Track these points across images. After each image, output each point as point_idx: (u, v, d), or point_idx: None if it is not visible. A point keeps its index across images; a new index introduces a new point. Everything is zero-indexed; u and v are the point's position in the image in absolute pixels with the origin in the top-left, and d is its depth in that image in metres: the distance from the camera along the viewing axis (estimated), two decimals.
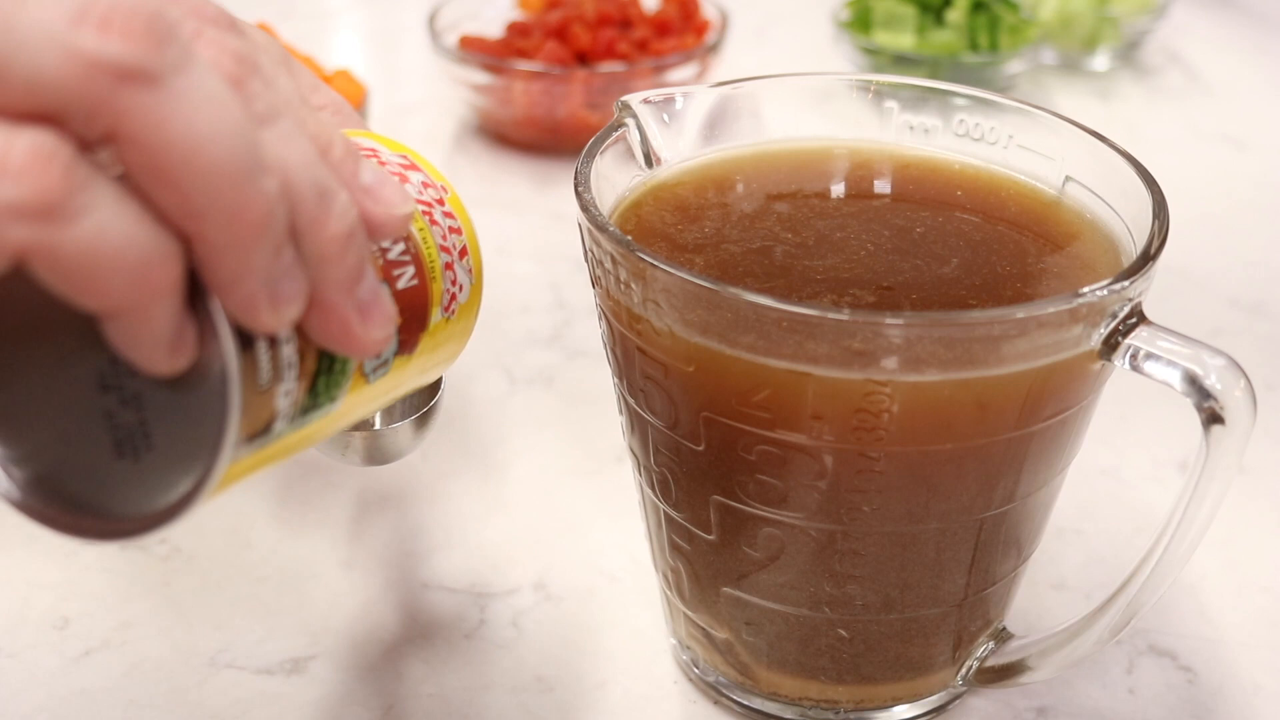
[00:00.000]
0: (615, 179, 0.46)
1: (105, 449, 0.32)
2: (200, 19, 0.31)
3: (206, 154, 0.27)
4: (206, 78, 0.28)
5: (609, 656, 0.50)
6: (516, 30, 0.90)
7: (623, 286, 0.40)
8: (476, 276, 0.42)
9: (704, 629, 0.47)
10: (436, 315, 0.40)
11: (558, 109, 0.86)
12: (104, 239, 0.27)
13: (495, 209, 0.83)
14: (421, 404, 0.44)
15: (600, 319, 0.44)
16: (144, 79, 0.27)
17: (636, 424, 0.44)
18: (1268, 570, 0.55)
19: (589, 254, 0.42)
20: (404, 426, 0.44)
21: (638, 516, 0.49)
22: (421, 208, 0.40)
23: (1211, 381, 0.38)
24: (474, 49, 0.88)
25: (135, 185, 0.28)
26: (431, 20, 0.91)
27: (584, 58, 0.88)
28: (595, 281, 0.43)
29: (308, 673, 0.49)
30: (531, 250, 0.78)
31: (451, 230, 0.41)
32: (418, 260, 0.39)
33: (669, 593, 0.48)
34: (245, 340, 0.31)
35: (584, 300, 0.72)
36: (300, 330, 0.33)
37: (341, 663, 0.50)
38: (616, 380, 0.45)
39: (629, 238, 0.40)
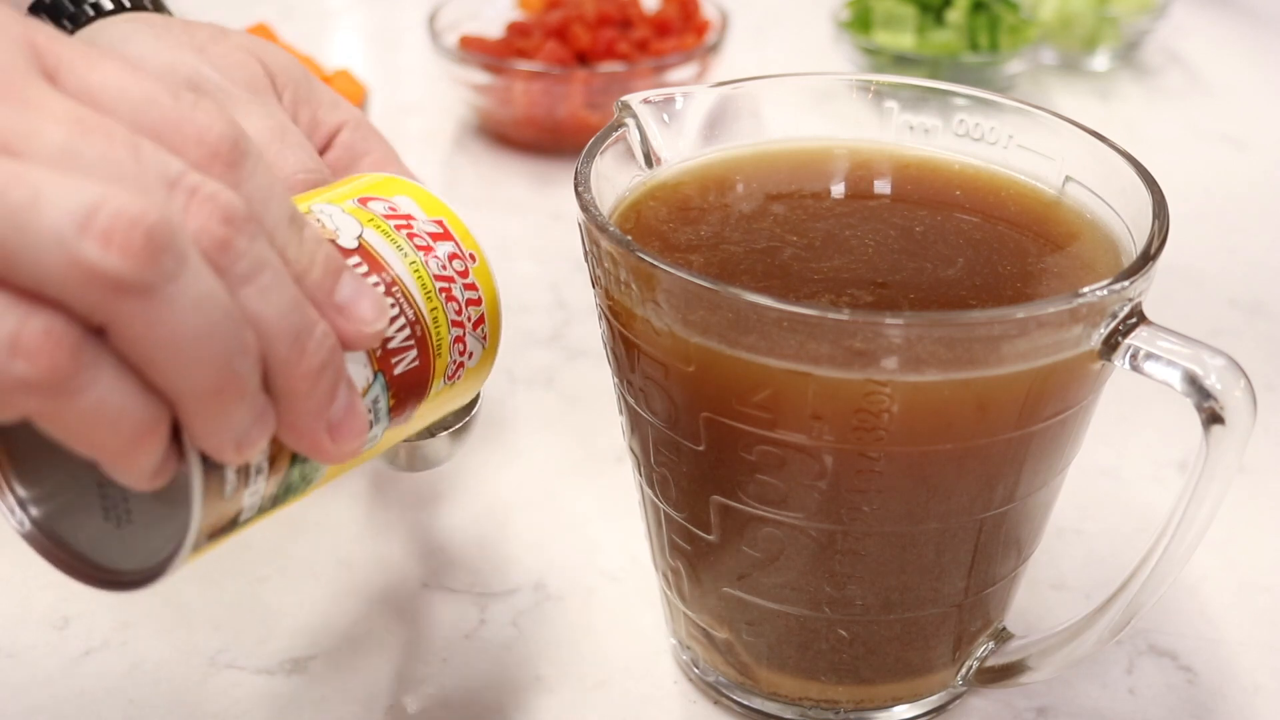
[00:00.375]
0: (615, 179, 0.46)
1: (96, 510, 0.35)
2: (200, 156, 0.33)
3: (189, 351, 0.31)
4: (195, 281, 0.31)
5: (609, 656, 0.50)
6: (516, 30, 0.90)
7: (623, 286, 0.40)
8: (492, 340, 0.43)
9: (704, 629, 0.47)
10: (438, 386, 0.42)
11: (558, 109, 0.86)
12: (102, 410, 0.30)
13: (495, 209, 0.83)
14: (459, 418, 0.46)
15: (600, 319, 0.44)
16: (137, 292, 0.30)
17: (636, 424, 0.44)
18: (1268, 570, 0.55)
19: (589, 254, 0.42)
20: (443, 438, 0.46)
21: (638, 516, 0.49)
22: (440, 284, 0.41)
23: (1211, 381, 0.38)
24: (474, 49, 0.88)
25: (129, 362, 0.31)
26: (431, 20, 0.91)
27: (584, 58, 0.88)
28: (595, 281, 0.43)
29: (308, 673, 0.49)
30: (531, 250, 0.78)
31: (470, 303, 0.42)
32: (422, 342, 0.40)
33: (669, 593, 0.48)
34: (213, 463, 0.34)
35: (584, 300, 0.72)
36: (275, 438, 0.35)
37: (341, 663, 0.50)
38: (616, 380, 0.45)
39: (629, 238, 0.40)
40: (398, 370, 0.39)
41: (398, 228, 0.40)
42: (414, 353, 0.40)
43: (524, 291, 0.74)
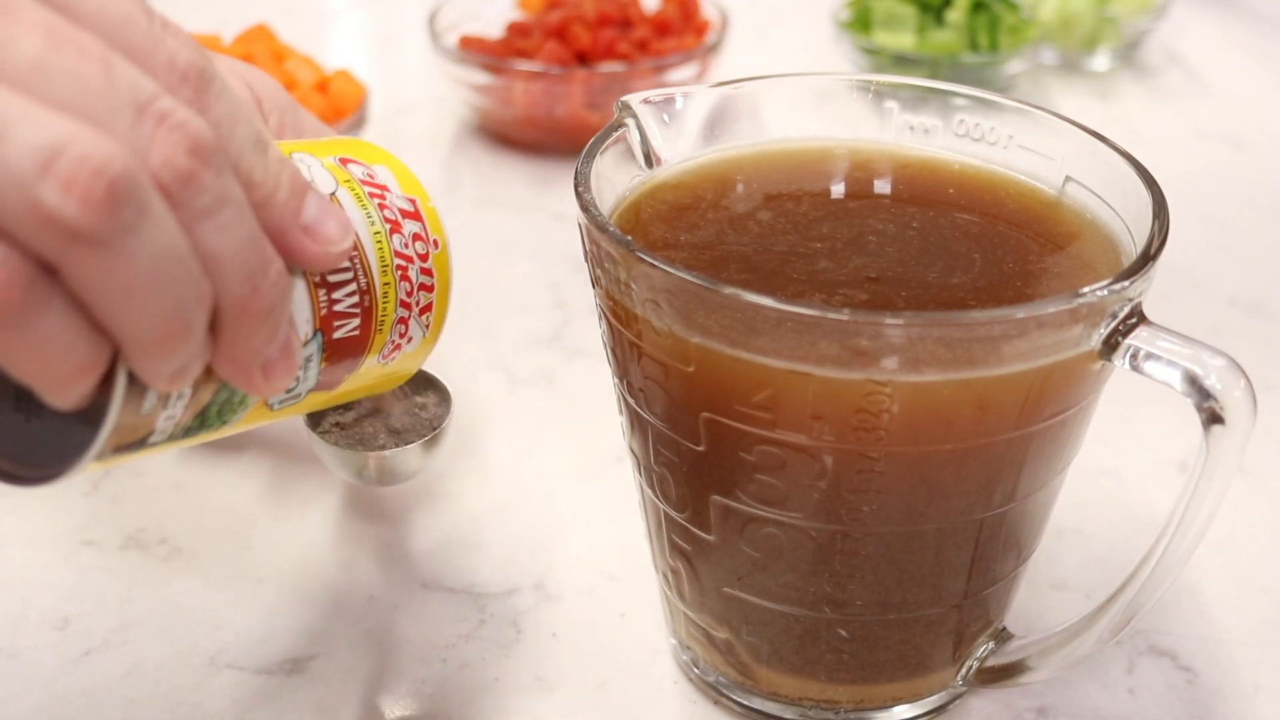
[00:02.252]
0: (615, 179, 0.46)
1: (8, 399, 0.35)
2: (171, 79, 0.33)
3: (141, 300, 0.31)
4: (153, 233, 0.31)
5: (609, 656, 0.50)
6: (516, 30, 0.90)
7: (623, 286, 0.40)
8: (434, 330, 0.43)
9: (704, 629, 0.47)
10: (371, 361, 0.42)
11: (558, 109, 0.86)
12: (46, 346, 0.31)
13: (495, 209, 0.83)
14: (431, 427, 0.46)
15: (600, 319, 0.44)
16: (93, 242, 0.30)
17: (636, 424, 0.44)
18: (1268, 570, 0.55)
19: (589, 254, 0.42)
20: (414, 449, 0.45)
21: (638, 516, 0.49)
22: (399, 261, 0.41)
23: (1211, 381, 0.38)
24: (474, 49, 0.88)
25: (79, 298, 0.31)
26: (431, 20, 0.91)
27: (584, 58, 0.88)
28: (595, 281, 0.43)
29: (308, 673, 0.49)
30: (531, 250, 0.78)
31: (422, 288, 0.42)
32: (367, 313, 0.40)
33: (669, 593, 0.48)
34: (139, 382, 0.34)
35: (584, 300, 0.72)
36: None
37: (341, 663, 0.50)
38: (616, 380, 0.45)
39: (629, 238, 0.40)
40: (337, 335, 0.39)
41: (371, 195, 0.41)
42: (357, 321, 0.40)
43: (524, 291, 0.74)
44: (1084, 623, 0.43)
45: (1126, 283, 0.38)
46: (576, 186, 0.42)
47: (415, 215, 0.42)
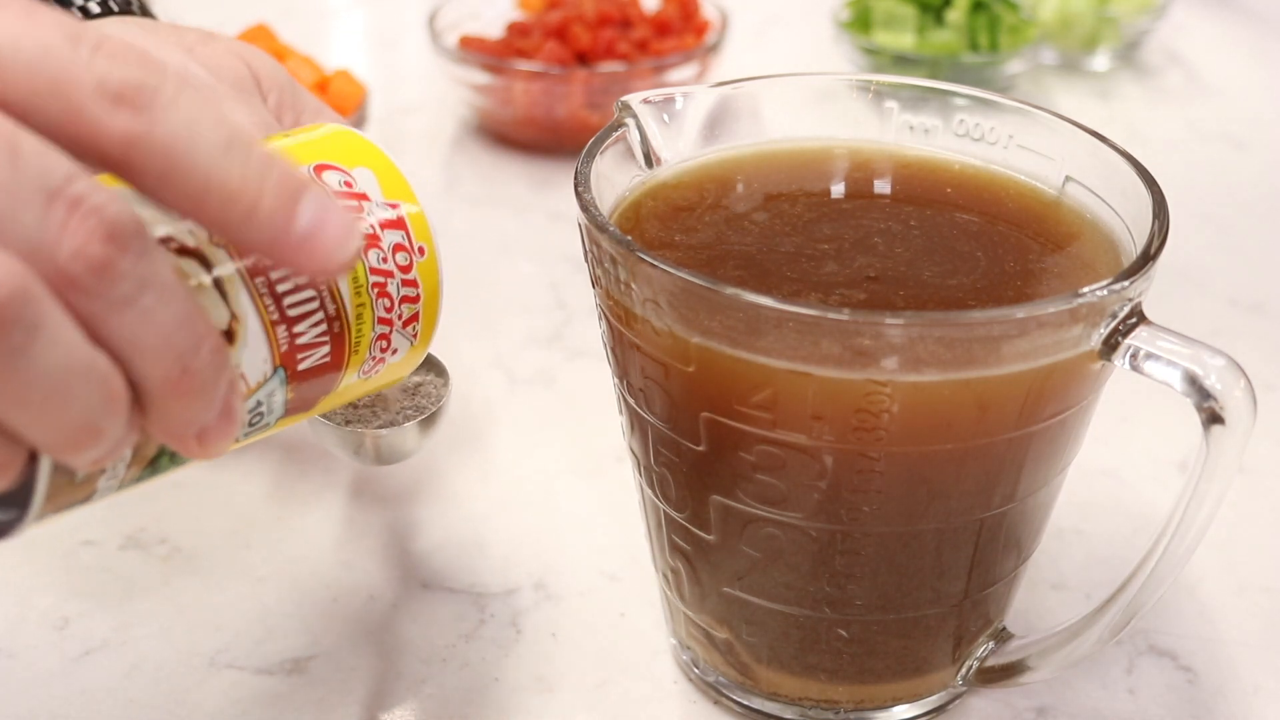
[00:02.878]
0: (615, 179, 0.46)
1: None
2: (104, 105, 0.31)
3: (41, 413, 0.30)
4: (49, 351, 0.30)
5: (609, 656, 0.50)
6: (516, 30, 0.90)
7: (623, 286, 0.40)
8: (423, 338, 0.41)
9: (704, 629, 0.47)
10: (350, 379, 0.40)
11: (558, 109, 0.86)
12: None
13: (495, 209, 0.83)
14: (428, 406, 0.45)
15: (600, 319, 0.44)
16: (83, 291, 0.30)
17: (636, 424, 0.44)
18: (1268, 570, 0.55)
19: (589, 254, 0.42)
20: (411, 427, 0.44)
21: (638, 516, 0.49)
22: (375, 279, 0.38)
23: (1211, 381, 0.38)
24: (474, 49, 0.88)
25: None
26: (431, 20, 0.91)
27: (584, 58, 0.88)
28: (595, 281, 0.43)
29: (308, 673, 0.49)
30: (531, 250, 0.78)
31: (405, 300, 0.40)
32: (338, 339, 0.38)
33: (669, 593, 0.48)
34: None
35: (584, 300, 0.72)
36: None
37: (341, 663, 0.50)
38: (616, 380, 0.45)
39: (629, 238, 0.40)
40: (303, 365, 0.37)
41: (348, 200, 0.38)
42: (326, 349, 0.38)
43: (524, 291, 0.74)
44: (1084, 623, 0.43)
45: (1126, 283, 0.38)
46: (576, 186, 0.42)
47: (397, 223, 0.39)
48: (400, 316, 0.40)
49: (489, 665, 0.50)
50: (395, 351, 0.40)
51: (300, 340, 0.37)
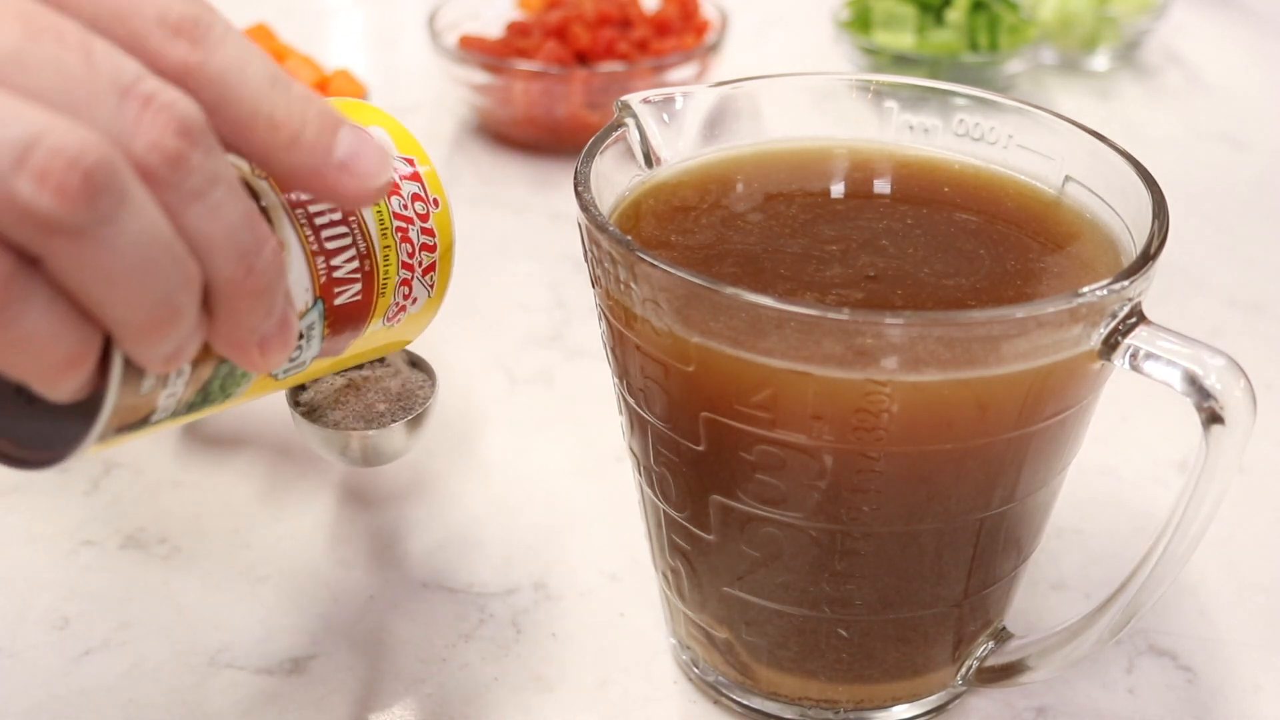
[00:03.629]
0: (615, 179, 0.46)
1: (9, 381, 0.34)
2: (163, 36, 0.32)
3: (125, 288, 0.31)
4: (134, 220, 0.30)
5: (609, 656, 0.50)
6: (516, 30, 0.90)
7: (623, 286, 0.40)
8: (439, 290, 0.43)
9: (704, 629, 0.47)
10: (375, 325, 0.41)
11: (558, 109, 0.86)
12: (32, 340, 0.30)
13: (495, 209, 0.83)
14: (414, 407, 0.45)
15: (600, 319, 0.44)
16: (71, 233, 0.29)
17: (636, 424, 0.44)
18: (1268, 570, 0.55)
19: (589, 254, 0.42)
20: (397, 429, 0.45)
21: (638, 516, 0.49)
22: (398, 223, 0.40)
23: (1211, 381, 0.38)
24: (474, 49, 0.88)
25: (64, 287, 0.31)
26: (431, 20, 0.91)
27: (584, 58, 0.88)
28: (595, 281, 0.43)
29: (308, 673, 0.49)
30: (531, 250, 0.78)
31: (424, 248, 0.41)
32: (369, 277, 0.40)
33: (669, 593, 0.48)
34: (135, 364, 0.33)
35: (584, 300, 0.72)
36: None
37: (341, 663, 0.50)
38: (616, 380, 0.45)
39: (629, 238, 0.40)
40: (338, 301, 0.39)
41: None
42: (358, 286, 0.39)
43: (524, 291, 0.74)
44: (1084, 623, 0.43)
45: (1126, 282, 0.38)
46: (576, 186, 0.42)
47: (413, 176, 0.41)
48: (420, 264, 0.41)
49: (489, 665, 0.50)
50: (415, 301, 0.42)
51: (337, 274, 0.39)
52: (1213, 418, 0.38)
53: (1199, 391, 0.38)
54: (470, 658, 0.50)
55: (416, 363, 0.47)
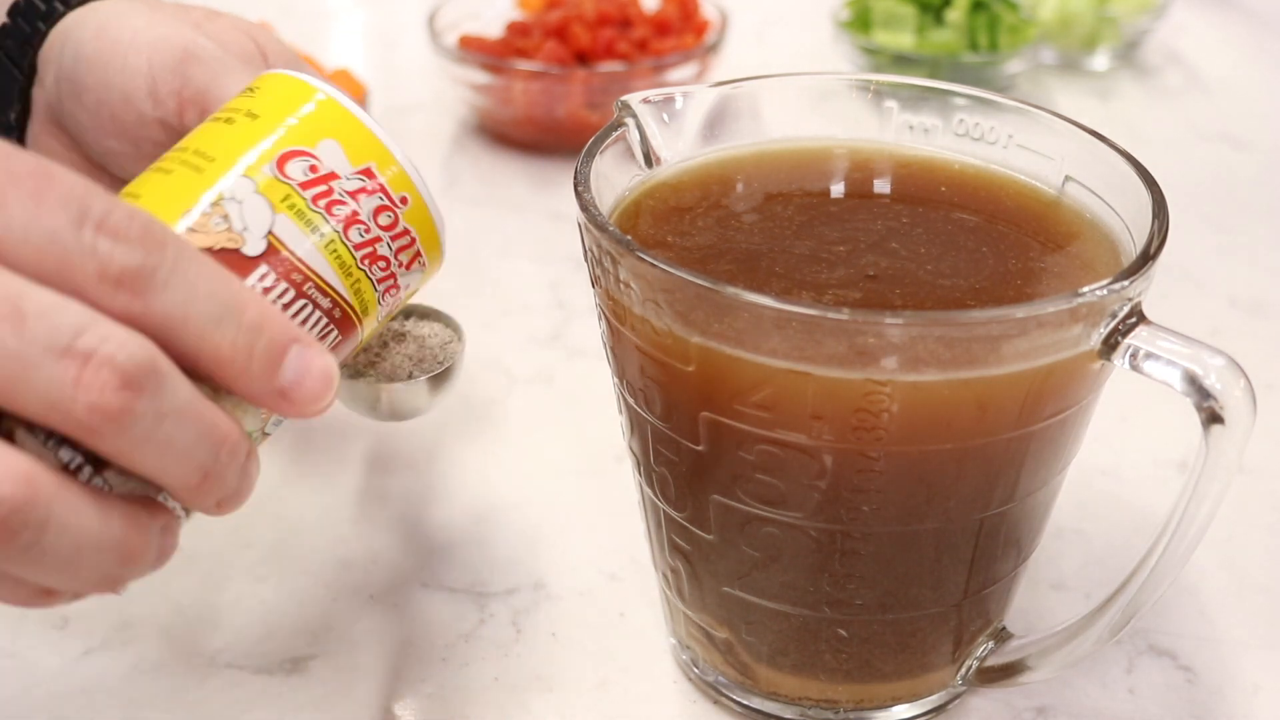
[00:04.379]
0: (615, 179, 0.46)
1: None
2: (104, 290, 0.33)
3: (70, 576, 0.34)
4: (62, 534, 0.33)
5: (609, 656, 0.50)
6: (516, 30, 0.90)
7: (623, 286, 0.40)
8: (432, 263, 0.43)
9: (704, 629, 0.47)
10: (371, 325, 0.42)
11: (558, 109, 0.86)
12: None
13: (495, 209, 0.83)
14: (444, 361, 0.47)
15: (600, 319, 0.44)
16: (103, 437, 0.33)
17: (636, 424, 0.44)
18: (1268, 570, 0.55)
19: (589, 254, 0.42)
20: (422, 383, 0.46)
21: (638, 516, 0.49)
22: (362, 252, 0.40)
23: (1211, 381, 0.38)
24: (474, 49, 0.88)
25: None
26: (431, 20, 0.91)
27: (584, 58, 0.88)
28: (595, 281, 0.43)
29: (308, 673, 0.49)
30: (531, 250, 0.78)
31: (401, 249, 0.41)
32: (344, 318, 0.40)
33: (669, 593, 0.48)
34: None
35: (584, 300, 0.72)
36: None
37: (341, 663, 0.50)
38: (616, 380, 0.45)
39: (629, 238, 0.40)
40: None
41: (315, 199, 0.39)
42: (334, 331, 0.40)
43: (524, 291, 0.74)
44: (1084, 622, 0.43)
45: (1126, 282, 0.38)
46: (576, 186, 0.42)
47: (372, 188, 0.40)
48: (401, 263, 0.41)
49: (489, 665, 0.50)
50: (407, 286, 0.42)
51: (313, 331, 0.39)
52: (1213, 418, 0.38)
53: (1199, 391, 0.38)
54: (470, 657, 0.50)
55: (443, 320, 0.48)
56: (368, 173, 0.40)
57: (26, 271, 0.33)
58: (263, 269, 0.38)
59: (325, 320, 0.40)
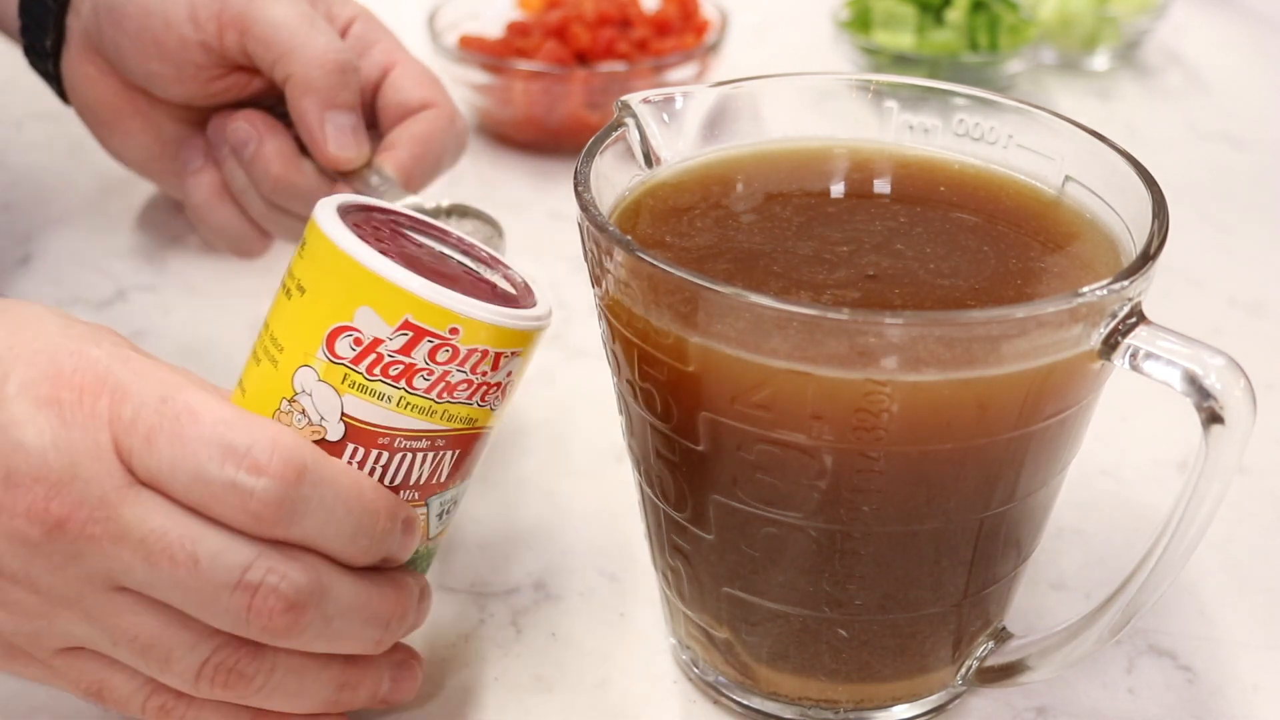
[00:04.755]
0: (615, 179, 0.46)
1: None
2: (251, 525, 0.38)
3: None
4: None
5: (609, 656, 0.50)
6: (516, 30, 0.90)
7: (623, 286, 0.40)
8: (524, 344, 0.43)
9: (704, 629, 0.47)
10: (490, 423, 0.44)
11: (558, 109, 0.86)
12: None
13: (495, 209, 0.82)
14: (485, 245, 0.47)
15: (600, 319, 0.44)
16: (281, 643, 0.40)
17: (636, 424, 0.44)
18: (1268, 570, 0.55)
19: (589, 254, 0.42)
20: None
21: (638, 516, 0.49)
22: (436, 392, 0.41)
23: (1211, 381, 0.38)
24: (474, 49, 0.88)
25: None
26: (431, 20, 0.91)
27: (584, 58, 0.88)
28: (595, 281, 0.43)
29: None
30: (531, 250, 0.78)
31: (474, 368, 0.41)
32: (452, 441, 0.42)
33: (669, 593, 0.48)
34: None
35: (584, 300, 0.72)
36: None
37: None
38: (616, 380, 0.45)
39: (629, 238, 0.40)
40: (445, 474, 0.43)
41: (370, 370, 0.40)
42: (447, 454, 0.42)
43: None
44: (1084, 623, 0.43)
45: (1126, 282, 0.38)
46: (576, 186, 0.42)
47: (417, 337, 0.40)
48: (483, 373, 0.42)
49: (489, 665, 0.50)
50: (508, 374, 0.43)
51: (423, 480, 0.43)
52: (1213, 418, 0.38)
53: (1199, 391, 0.38)
54: (470, 657, 0.50)
55: (483, 217, 0.50)
56: (407, 325, 0.40)
57: (186, 504, 0.37)
58: (350, 448, 0.40)
59: (431, 454, 0.42)
